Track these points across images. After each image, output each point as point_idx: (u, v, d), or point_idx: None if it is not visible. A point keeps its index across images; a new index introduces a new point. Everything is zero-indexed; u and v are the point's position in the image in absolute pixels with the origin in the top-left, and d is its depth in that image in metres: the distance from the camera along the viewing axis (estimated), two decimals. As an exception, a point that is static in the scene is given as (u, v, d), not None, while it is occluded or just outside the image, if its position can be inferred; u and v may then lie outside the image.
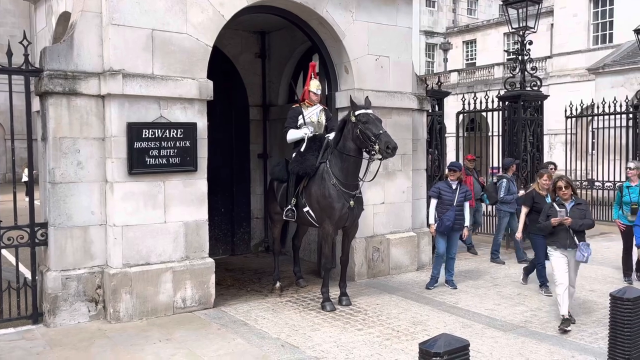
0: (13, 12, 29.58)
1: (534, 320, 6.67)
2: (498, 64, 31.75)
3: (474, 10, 41.75)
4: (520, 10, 11.38)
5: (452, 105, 19.54)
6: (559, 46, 28.94)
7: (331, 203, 7.00)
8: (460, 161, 13.25)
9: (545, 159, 30.14)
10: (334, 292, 7.42)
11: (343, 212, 7.02)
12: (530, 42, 11.37)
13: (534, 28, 11.32)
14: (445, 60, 38.56)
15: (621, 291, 4.06)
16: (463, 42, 38.78)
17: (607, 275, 8.89)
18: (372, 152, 6.70)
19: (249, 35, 10.76)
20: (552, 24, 30.36)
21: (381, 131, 6.66)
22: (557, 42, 29.31)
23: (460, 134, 13.55)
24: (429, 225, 8.37)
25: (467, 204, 8.15)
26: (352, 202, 7.02)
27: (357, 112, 6.82)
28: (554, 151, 28.07)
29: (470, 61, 37.99)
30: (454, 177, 8.04)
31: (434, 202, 8.03)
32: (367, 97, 7.32)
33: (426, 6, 39.70)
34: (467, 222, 8.12)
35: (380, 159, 6.82)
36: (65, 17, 7.45)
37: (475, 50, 37.70)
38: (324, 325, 6.47)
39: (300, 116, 7.64)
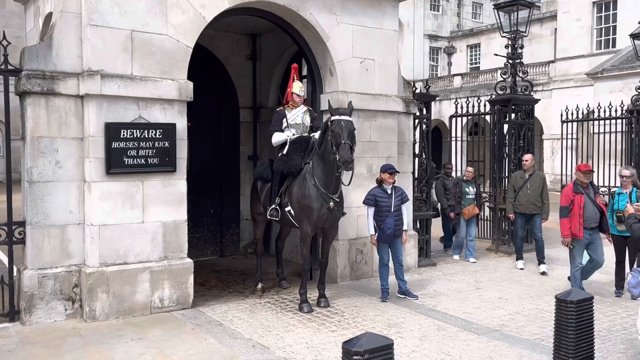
0: (19, 14, 29.83)
1: (511, 324, 6.62)
2: (501, 68, 31.66)
3: (478, 14, 41.65)
4: (512, 15, 11.33)
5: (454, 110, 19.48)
6: (562, 51, 28.79)
7: (310, 203, 7.01)
8: (458, 165, 13.19)
9: (547, 164, 29.93)
10: (314, 294, 7.41)
11: (322, 212, 7.02)
12: (522, 47, 11.33)
13: (525, 32, 11.27)
14: (449, 64, 38.49)
15: (566, 293, 4.02)
16: (467, 46, 38.67)
17: (592, 281, 8.81)
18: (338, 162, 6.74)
19: (239, 38, 10.80)
20: (555, 29, 30.25)
21: (342, 141, 6.63)
22: (560, 47, 29.17)
23: (459, 138, 13.45)
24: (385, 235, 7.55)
25: (404, 207, 7.66)
26: (331, 204, 7.02)
27: (332, 118, 6.84)
28: (556, 156, 27.90)
29: (474, 65, 37.90)
30: (391, 179, 7.50)
31: (371, 210, 7.49)
32: (350, 102, 7.32)
33: (430, 10, 39.64)
34: (405, 226, 7.67)
35: (342, 171, 6.84)
36: (50, 18, 7.51)
37: (479, 54, 37.60)
38: (298, 326, 6.46)
39: (284, 119, 7.65)
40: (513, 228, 10.25)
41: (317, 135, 7.48)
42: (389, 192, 7.53)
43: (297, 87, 7.83)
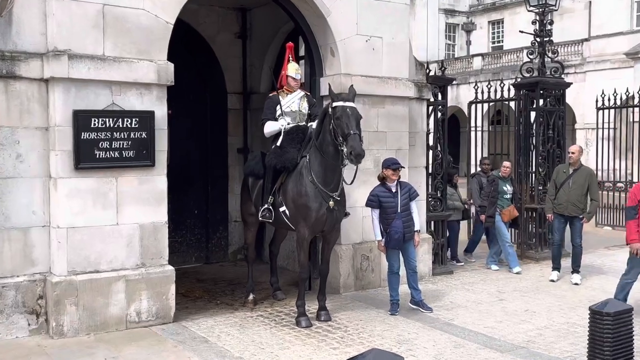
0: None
1: (538, 340, 6.65)
2: (528, 48, 31.70)
3: (501, -15, 41.63)
4: (539, -15, 11.35)
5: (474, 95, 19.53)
6: (598, 27, 28.83)
7: (307, 202, 7.03)
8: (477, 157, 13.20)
9: (582, 156, 29.91)
10: (314, 306, 7.44)
11: (320, 213, 7.03)
12: (551, 22, 11.34)
13: (554, 5, 11.29)
14: (468, 43, 38.52)
15: (601, 305, 4.04)
16: (489, 22, 38.71)
17: (632, 290, 8.82)
18: (342, 155, 6.75)
19: (227, 12, 10.81)
20: (590, 2, 30.24)
21: (351, 131, 6.63)
22: (595, 23, 29.21)
23: (479, 128, 13.49)
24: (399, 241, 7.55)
25: (413, 205, 7.64)
26: (331, 203, 7.03)
27: (334, 104, 6.86)
28: (591, 148, 27.93)
29: (496, 44, 37.93)
30: (395, 176, 7.45)
31: (375, 213, 7.47)
32: (351, 86, 7.33)
33: (447, -19, 39.66)
34: (417, 227, 7.67)
35: (347, 165, 6.85)
36: (10, -10, 7.51)
37: (502, 31, 37.62)
38: (295, 343, 6.49)
39: (278, 106, 7.67)
40: (551, 231, 10.12)
41: (315, 124, 7.48)
42: (394, 189, 7.51)
43: (293, 70, 7.83)
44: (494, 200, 10.23)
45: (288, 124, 7.62)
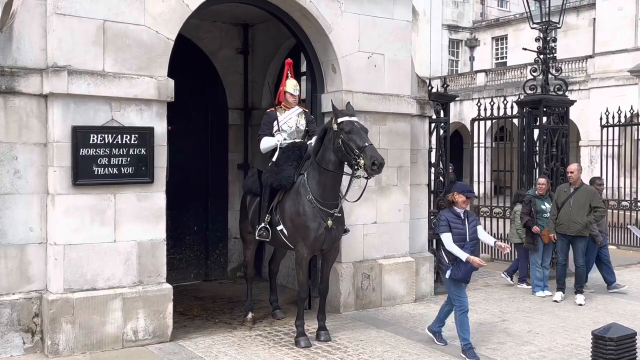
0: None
1: (541, 363, 6.62)
2: (531, 64, 31.81)
3: (505, 1, 41.86)
4: (543, 3, 11.42)
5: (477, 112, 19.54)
6: (602, 44, 28.91)
7: (305, 222, 7.02)
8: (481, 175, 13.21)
9: (585, 175, 30.00)
10: (313, 326, 7.41)
11: (319, 232, 7.02)
12: (555, 40, 11.41)
13: (558, 23, 11.35)
14: (472, 59, 38.66)
15: (604, 329, 4.02)
16: (492, 38, 38.85)
17: (637, 312, 8.80)
18: (356, 168, 6.72)
19: (229, 28, 10.87)
20: (594, 19, 30.38)
21: (367, 144, 6.65)
22: (600, 40, 29.30)
23: (482, 145, 13.50)
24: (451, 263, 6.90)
25: (480, 227, 7.10)
26: (330, 222, 7.02)
27: (339, 120, 6.85)
28: (596, 165, 27.92)
29: (500, 60, 38.08)
30: (465, 204, 6.90)
31: (448, 236, 6.77)
32: (348, 102, 7.42)
33: (450, -4, 39.91)
34: (490, 241, 7.34)
35: (365, 177, 6.80)
36: (10, 5, 7.54)
37: (506, 47, 37.76)
38: (294, 364, 6.46)
39: (275, 122, 7.69)
40: (555, 251, 9.95)
41: (313, 141, 7.49)
42: (462, 216, 6.93)
43: (291, 86, 7.86)
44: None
45: (284, 139, 7.63)
